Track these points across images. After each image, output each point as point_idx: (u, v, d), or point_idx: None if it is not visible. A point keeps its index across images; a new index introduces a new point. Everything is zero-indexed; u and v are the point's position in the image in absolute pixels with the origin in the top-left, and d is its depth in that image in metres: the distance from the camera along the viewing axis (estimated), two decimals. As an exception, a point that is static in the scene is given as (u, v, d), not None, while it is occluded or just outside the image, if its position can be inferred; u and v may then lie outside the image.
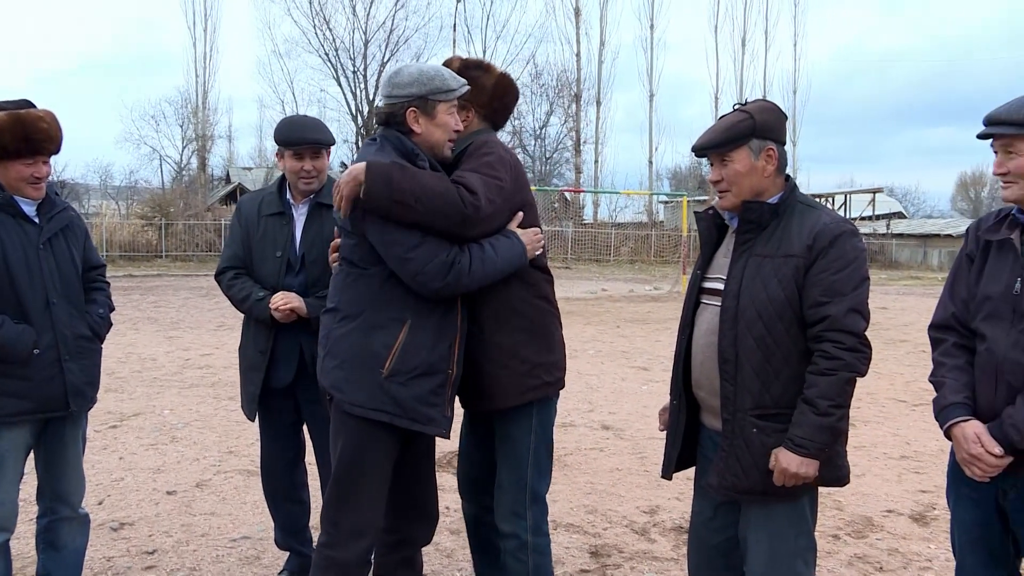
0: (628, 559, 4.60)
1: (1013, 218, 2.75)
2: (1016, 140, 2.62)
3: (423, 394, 3.03)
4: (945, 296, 2.94)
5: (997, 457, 2.60)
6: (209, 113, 43.97)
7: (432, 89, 3.08)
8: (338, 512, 3.11)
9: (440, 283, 2.94)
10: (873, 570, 4.57)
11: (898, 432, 7.79)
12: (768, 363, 2.74)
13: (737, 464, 2.77)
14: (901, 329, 16.16)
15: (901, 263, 47.22)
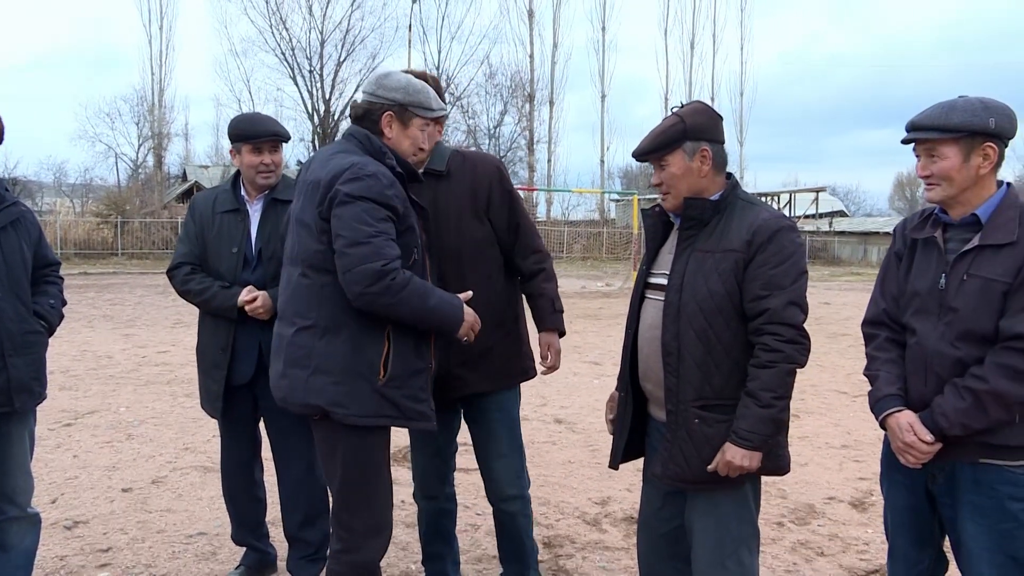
0: (580, 549, 4.62)
1: (936, 217, 2.82)
2: (938, 144, 2.68)
3: (414, 392, 3.00)
4: (876, 293, 3.01)
5: (928, 444, 2.67)
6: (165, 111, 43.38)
7: (414, 101, 3.06)
8: (352, 517, 3.05)
9: (363, 288, 2.79)
10: (814, 555, 4.65)
11: (839, 422, 7.91)
12: (709, 356, 2.77)
13: (680, 454, 2.80)
14: (842, 323, 16.41)
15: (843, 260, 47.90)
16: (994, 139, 2.66)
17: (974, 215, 2.71)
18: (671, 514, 3.05)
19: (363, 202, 2.83)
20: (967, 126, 2.63)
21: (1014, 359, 2.55)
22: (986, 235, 2.66)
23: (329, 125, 39.66)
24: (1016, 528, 2.65)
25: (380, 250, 2.81)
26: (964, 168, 2.67)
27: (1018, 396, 2.57)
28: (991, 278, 2.62)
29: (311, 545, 4.04)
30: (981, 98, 2.69)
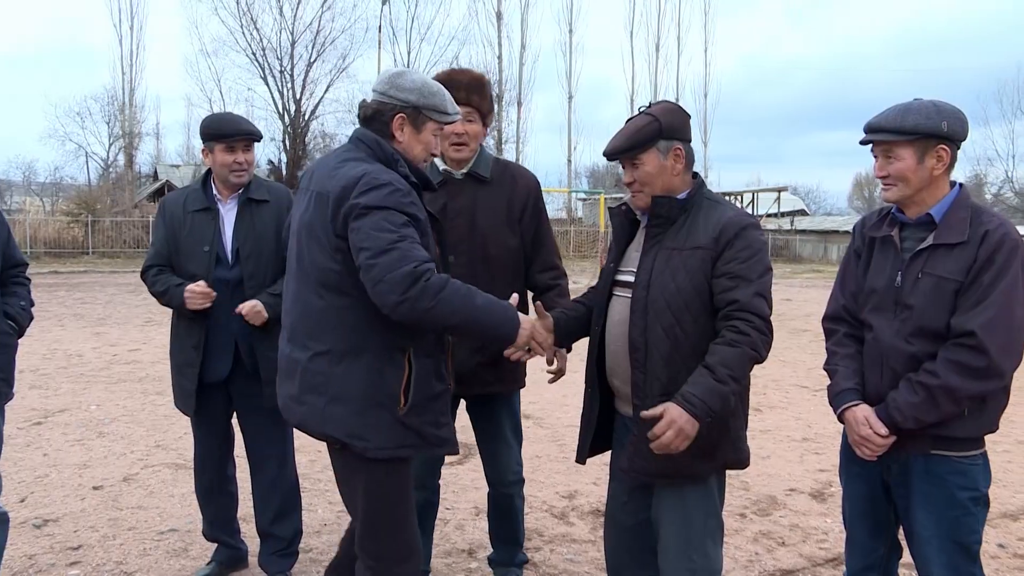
0: (548, 542, 4.63)
1: (893, 216, 2.86)
2: (895, 146, 2.73)
3: (434, 418, 2.84)
4: (836, 289, 3.05)
5: (882, 438, 2.72)
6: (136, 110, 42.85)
7: (429, 104, 2.84)
8: (378, 546, 2.88)
9: (399, 296, 2.53)
10: (776, 545, 4.69)
11: (800, 416, 7.98)
12: (676, 351, 2.77)
13: (646, 448, 2.78)
14: (804, 319, 16.56)
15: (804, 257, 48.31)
16: (947, 141, 2.70)
17: (928, 215, 2.76)
18: (636, 508, 3.07)
19: (381, 211, 2.62)
20: (921, 129, 2.68)
21: (964, 355, 2.60)
22: (939, 234, 2.71)
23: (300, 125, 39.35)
24: (963, 515, 2.72)
25: (408, 253, 2.58)
26: (919, 169, 2.71)
27: (967, 391, 2.62)
28: (943, 276, 2.67)
29: (283, 540, 4.03)
30: (934, 101, 2.74)
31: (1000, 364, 2.61)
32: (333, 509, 5.10)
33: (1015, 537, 4.91)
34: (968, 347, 2.60)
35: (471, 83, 3.57)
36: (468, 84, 3.56)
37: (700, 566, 2.88)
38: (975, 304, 2.61)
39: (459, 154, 3.58)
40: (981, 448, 2.77)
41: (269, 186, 4.01)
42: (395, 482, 2.86)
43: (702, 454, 2.79)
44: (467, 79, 3.58)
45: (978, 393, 2.65)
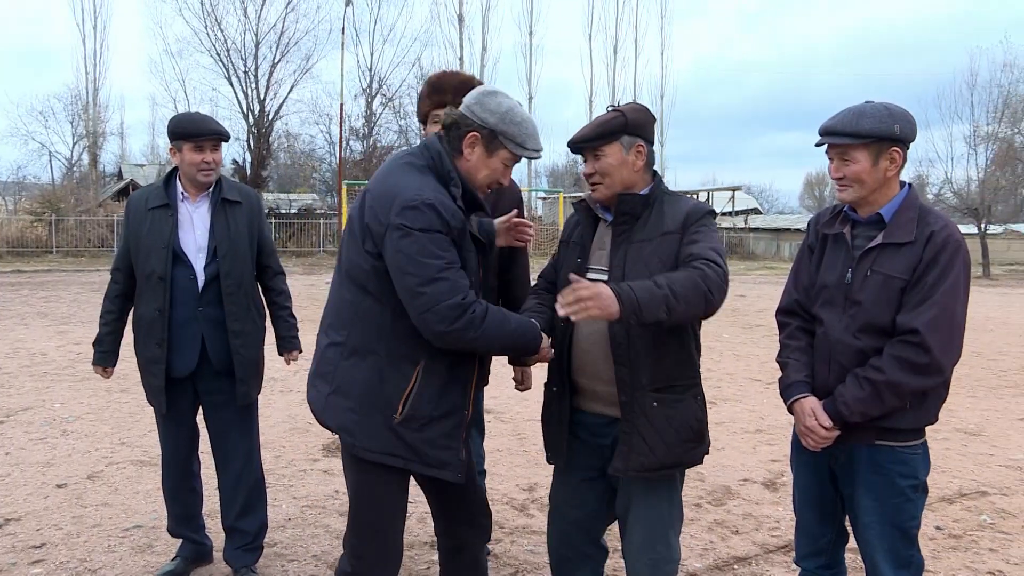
0: (509, 534, 4.64)
1: (845, 214, 2.90)
2: (851, 149, 2.76)
3: (436, 438, 2.74)
4: (789, 284, 3.09)
5: (827, 429, 2.77)
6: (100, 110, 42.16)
7: (508, 133, 2.74)
8: (360, 544, 2.86)
9: (447, 327, 2.55)
10: (730, 533, 4.74)
11: (754, 408, 8.07)
12: (658, 340, 2.79)
13: (643, 443, 2.78)
14: (757, 315, 16.73)
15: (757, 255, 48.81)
16: (899, 143, 2.75)
17: (878, 214, 2.80)
18: (583, 500, 3.09)
19: (425, 234, 2.56)
20: (876, 132, 2.71)
21: (908, 352, 2.65)
22: (889, 233, 2.75)
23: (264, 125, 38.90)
24: (904, 502, 2.78)
25: (456, 284, 2.57)
26: (873, 171, 2.75)
27: (910, 386, 2.67)
28: (891, 274, 2.71)
29: (248, 535, 4.00)
30: (886, 104, 2.78)
31: (941, 361, 2.66)
32: (297, 504, 5.07)
33: (951, 519, 5.04)
34: (912, 344, 2.64)
35: (459, 86, 3.50)
36: (457, 86, 3.51)
37: (663, 556, 2.92)
38: (919, 303, 2.66)
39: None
40: (922, 438, 2.83)
41: (239, 187, 4.01)
42: (383, 488, 2.81)
43: (696, 438, 2.85)
44: (456, 82, 3.56)
45: (920, 388, 2.70)
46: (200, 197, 3.85)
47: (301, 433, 6.80)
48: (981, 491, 5.63)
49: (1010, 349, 12.48)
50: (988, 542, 4.72)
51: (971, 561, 4.44)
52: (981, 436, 7.14)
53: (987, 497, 5.51)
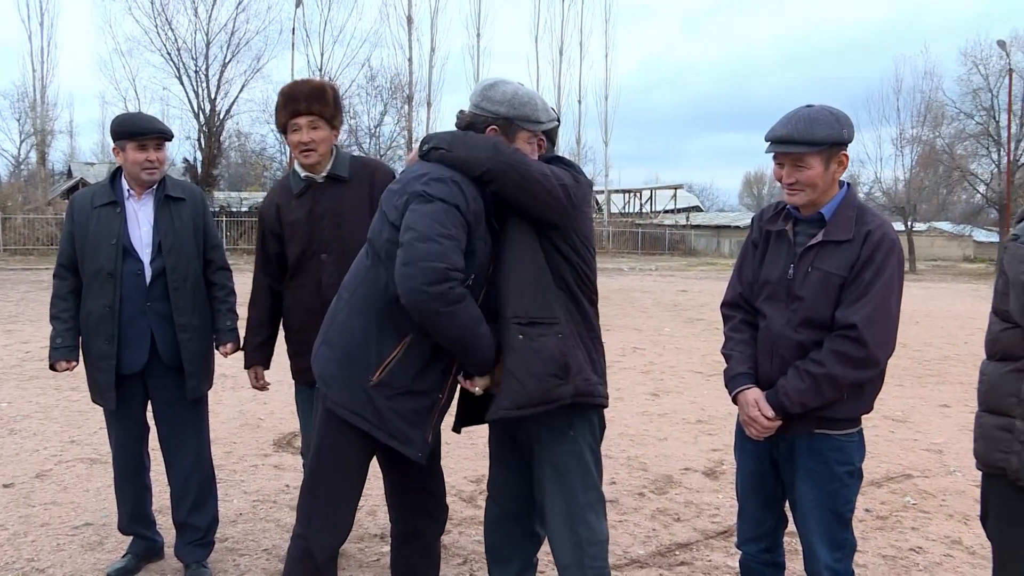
0: (457, 525, 4.63)
1: (788, 212, 2.94)
2: (806, 155, 2.77)
3: (405, 412, 2.73)
4: (734, 278, 3.12)
5: (769, 420, 2.81)
6: (48, 108, 41.08)
7: (520, 115, 2.81)
8: (313, 503, 2.84)
9: (418, 283, 2.49)
10: (672, 521, 4.79)
11: (695, 400, 8.16)
12: (518, 274, 2.76)
13: (513, 379, 2.70)
14: (698, 309, 16.95)
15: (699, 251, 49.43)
16: (845, 147, 2.80)
17: (819, 213, 2.84)
18: (514, 490, 3.10)
19: (443, 203, 2.60)
20: (829, 139, 2.75)
21: (846, 346, 2.70)
22: (828, 232, 2.80)
23: (215, 124, 38.30)
24: (840, 487, 2.83)
25: (448, 253, 2.55)
26: (825, 175, 2.79)
27: (848, 379, 2.72)
28: (830, 271, 2.76)
29: (199, 530, 3.93)
30: (828, 109, 2.81)
31: (877, 355, 2.72)
32: (248, 499, 5.00)
33: (878, 502, 5.16)
34: (850, 339, 2.69)
35: (311, 92, 3.68)
36: (308, 94, 3.68)
37: (585, 538, 2.91)
38: (857, 299, 2.71)
39: (308, 159, 3.68)
40: (858, 427, 2.89)
41: (183, 185, 3.97)
42: (345, 452, 2.80)
43: (563, 372, 2.73)
44: (307, 89, 3.70)
45: (857, 380, 2.75)
46: (145, 194, 3.79)
47: (252, 429, 6.71)
48: (906, 474, 5.77)
49: (933, 340, 12.82)
50: (911, 522, 4.85)
51: (895, 540, 4.55)
52: (907, 423, 7.32)
53: (911, 480, 5.66)
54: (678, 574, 4.07)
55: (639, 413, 7.51)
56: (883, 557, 4.31)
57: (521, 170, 2.69)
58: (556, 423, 2.87)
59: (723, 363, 3.09)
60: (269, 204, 3.87)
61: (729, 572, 4.04)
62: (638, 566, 4.16)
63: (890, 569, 4.17)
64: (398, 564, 3.19)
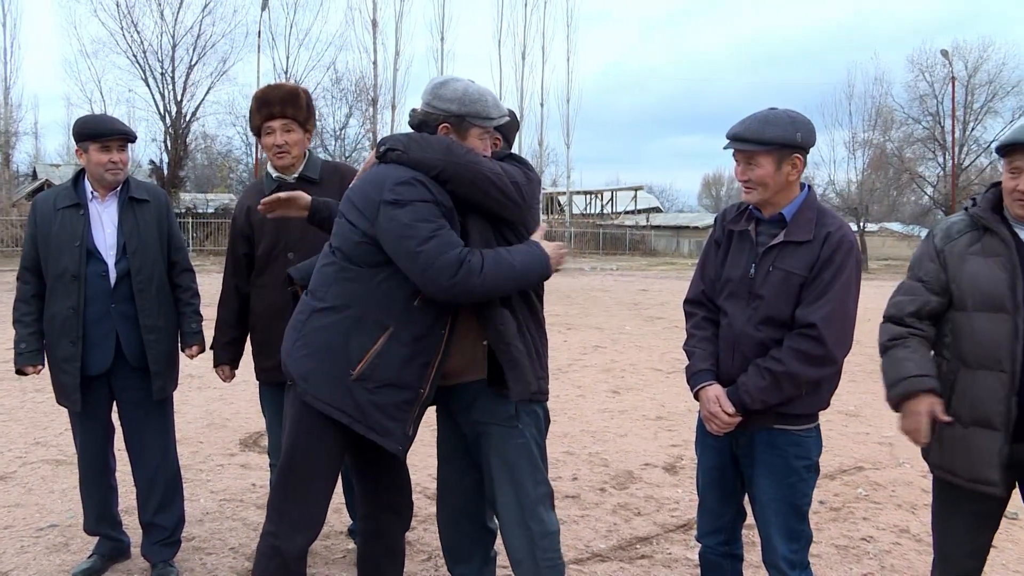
0: (421, 522, 4.61)
1: (751, 213, 2.96)
2: (756, 154, 2.81)
3: (386, 405, 2.73)
4: (697, 275, 3.14)
5: (730, 415, 2.83)
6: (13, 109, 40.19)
7: (471, 111, 2.81)
8: (285, 502, 2.82)
9: (448, 280, 2.59)
10: (632, 515, 4.81)
11: (655, 397, 8.20)
12: None
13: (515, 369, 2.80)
14: (658, 308, 17.05)
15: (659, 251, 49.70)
16: (800, 150, 2.82)
17: (780, 214, 2.87)
18: (463, 486, 3.11)
19: (418, 203, 2.66)
20: (779, 140, 2.77)
21: (805, 344, 2.73)
22: (789, 232, 2.82)
23: (181, 126, 37.73)
24: (797, 481, 2.86)
25: (449, 240, 2.64)
26: (777, 175, 2.81)
27: (807, 376, 2.76)
28: (791, 271, 2.78)
29: (166, 530, 3.88)
30: (789, 112, 2.84)
31: (835, 353, 2.76)
32: (215, 498, 4.94)
33: (832, 494, 5.23)
34: (809, 337, 2.72)
35: (285, 96, 3.74)
36: (283, 98, 3.74)
37: (537, 531, 2.93)
38: (816, 299, 2.74)
39: (282, 161, 3.74)
40: (815, 422, 2.92)
41: (147, 187, 3.92)
42: (321, 446, 2.79)
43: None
44: (281, 93, 3.76)
45: (816, 378, 2.79)
46: (109, 196, 3.74)
47: (218, 428, 6.63)
48: (858, 467, 5.86)
49: (885, 337, 12.99)
50: (863, 512, 4.92)
51: (848, 530, 4.62)
52: (859, 417, 7.43)
53: (863, 472, 5.75)
54: (639, 567, 4.09)
55: (600, 410, 7.53)
56: (836, 547, 4.37)
57: (473, 169, 2.73)
58: (504, 417, 2.90)
59: (683, 361, 3.11)
60: (240, 206, 3.90)
61: (688, 564, 4.07)
62: (599, 560, 4.17)
63: (843, 558, 4.23)
64: (364, 561, 3.18)
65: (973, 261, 2.76)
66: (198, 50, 37.75)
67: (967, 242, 2.80)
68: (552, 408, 3.31)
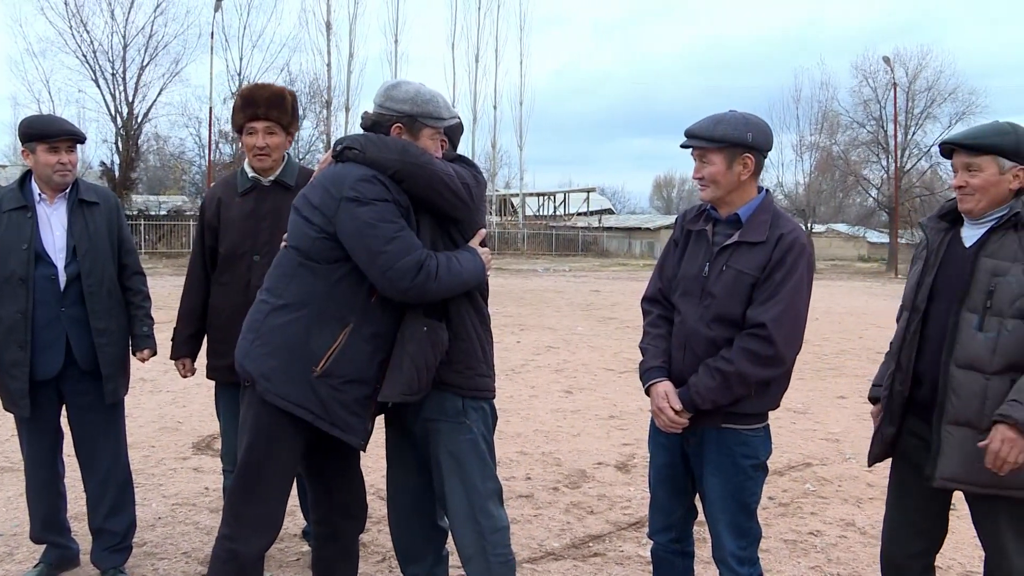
0: (376, 523, 4.56)
1: (708, 213, 2.99)
2: (707, 152, 2.85)
3: (349, 401, 2.74)
4: (655, 274, 3.17)
5: (677, 412, 2.85)
6: (-44, 110, 39.16)
7: (424, 112, 2.84)
8: (243, 505, 2.79)
9: (408, 283, 2.64)
10: (585, 514, 4.83)
11: (607, 396, 8.25)
12: None
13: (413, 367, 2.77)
14: (611, 309, 17.15)
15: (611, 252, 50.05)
16: (752, 151, 2.85)
17: (736, 215, 2.90)
18: (411, 487, 3.10)
19: (380, 203, 2.68)
20: (728, 138, 2.81)
21: (755, 344, 2.75)
22: (743, 233, 2.85)
23: (132, 128, 37.04)
24: (745, 480, 2.89)
25: (411, 243, 2.68)
26: (728, 173, 2.84)
27: (756, 376, 2.78)
28: (743, 271, 2.81)
29: (116, 535, 3.80)
30: (744, 114, 2.88)
31: (784, 353, 2.79)
32: (167, 502, 4.85)
33: (780, 490, 5.31)
34: (759, 337, 2.74)
35: (271, 98, 3.67)
36: (268, 99, 3.67)
37: (486, 527, 2.94)
38: (767, 299, 2.77)
39: (261, 164, 3.69)
40: (764, 422, 2.94)
41: (96, 189, 3.84)
42: (280, 446, 2.77)
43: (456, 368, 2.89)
44: (267, 95, 3.69)
45: (765, 378, 2.81)
46: (57, 198, 3.65)
47: (171, 432, 6.52)
48: (806, 463, 5.95)
49: (831, 335, 13.25)
50: (810, 507, 5.01)
51: (796, 525, 4.69)
52: (806, 414, 7.55)
53: (810, 468, 5.84)
54: (592, 565, 4.11)
55: (553, 410, 7.54)
56: (784, 541, 4.43)
57: (428, 170, 2.75)
58: (452, 414, 2.91)
59: (635, 360, 3.14)
60: (212, 198, 3.83)
61: (640, 562, 4.09)
62: (553, 558, 4.18)
63: (791, 552, 4.30)
64: (319, 564, 3.16)
65: (915, 264, 2.99)
66: (150, 51, 37.12)
67: (921, 247, 3.01)
68: (505, 408, 3.32)
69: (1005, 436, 2.54)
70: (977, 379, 2.69)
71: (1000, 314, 2.67)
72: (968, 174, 2.76)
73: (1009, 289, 2.65)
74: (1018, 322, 2.64)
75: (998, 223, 2.72)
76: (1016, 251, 2.68)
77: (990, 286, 2.69)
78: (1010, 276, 2.66)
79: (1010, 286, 2.65)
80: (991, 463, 2.58)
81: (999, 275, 2.68)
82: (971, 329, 2.71)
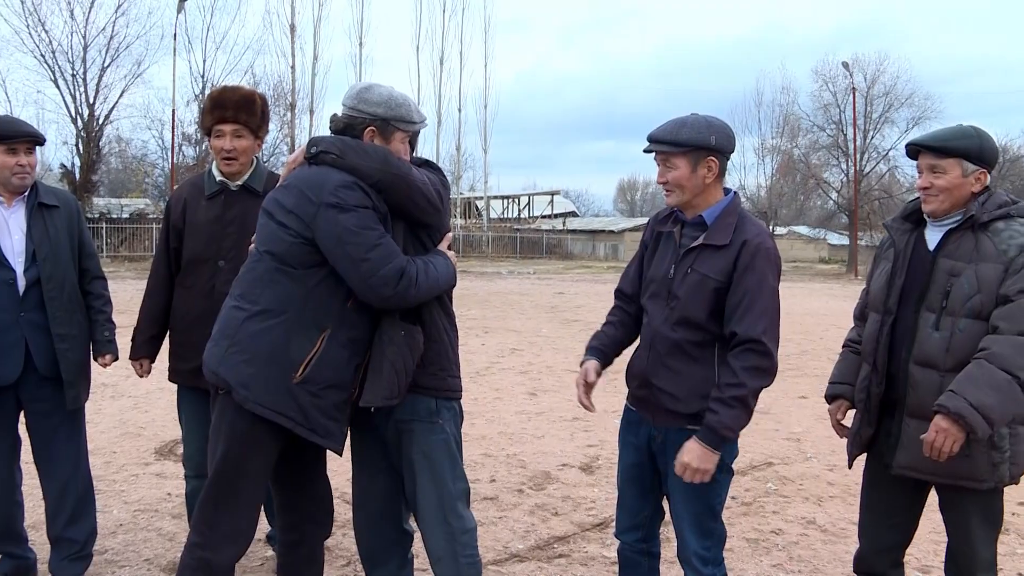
0: (340, 527, 4.50)
1: (676, 216, 3.01)
2: (671, 156, 2.86)
3: (328, 407, 2.73)
4: (626, 271, 3.24)
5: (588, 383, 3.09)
6: (-92, 109, 38.24)
7: (396, 115, 2.84)
8: (215, 514, 2.74)
9: (391, 290, 2.65)
10: (550, 515, 4.83)
11: (571, 398, 8.12)
12: None
13: (392, 371, 2.78)
14: (575, 311, 17.20)
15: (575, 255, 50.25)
16: (716, 153, 2.86)
17: (701, 217, 2.91)
18: (378, 491, 3.09)
19: (361, 209, 2.66)
20: (691, 142, 2.82)
21: (756, 360, 2.75)
22: (708, 236, 2.87)
23: (93, 129, 36.42)
24: (711, 481, 2.87)
25: (392, 250, 2.69)
26: (692, 177, 2.85)
27: (762, 387, 2.81)
28: (707, 275, 2.83)
29: (76, 543, 3.72)
30: (707, 117, 2.89)
31: (776, 360, 2.83)
32: (129, 509, 4.78)
33: (743, 489, 5.36)
34: (758, 352, 2.75)
35: (240, 101, 3.63)
36: (237, 102, 3.63)
37: (456, 528, 2.95)
38: (748, 311, 2.76)
39: (229, 168, 3.64)
40: None
41: (56, 192, 3.77)
42: (254, 454, 2.75)
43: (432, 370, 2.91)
44: (236, 97, 3.65)
45: (765, 387, 2.83)
46: (15, 201, 3.57)
47: (133, 438, 6.42)
48: (768, 462, 6.02)
49: (792, 336, 13.39)
50: (772, 506, 5.06)
51: (758, 524, 4.74)
52: (769, 414, 7.62)
53: (772, 467, 5.91)
54: (556, 566, 4.12)
55: (517, 412, 7.55)
56: (747, 540, 4.47)
57: (408, 181, 2.77)
58: (425, 415, 2.91)
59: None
60: (178, 199, 3.77)
61: (605, 563, 4.11)
62: (517, 560, 4.18)
63: (753, 551, 4.34)
64: (284, 569, 3.13)
65: (880, 265, 3.07)
66: (111, 52, 36.43)
67: (885, 247, 3.09)
68: (470, 411, 3.32)
69: (939, 426, 2.63)
70: (933, 376, 2.78)
71: (954, 313, 2.75)
72: (933, 175, 2.83)
73: (962, 289, 2.73)
74: (970, 321, 2.72)
75: (957, 224, 2.80)
76: (971, 252, 2.76)
77: (947, 286, 2.77)
78: (963, 277, 2.74)
79: (963, 286, 2.73)
80: (927, 451, 2.67)
81: (955, 275, 2.75)
82: (928, 328, 2.80)
